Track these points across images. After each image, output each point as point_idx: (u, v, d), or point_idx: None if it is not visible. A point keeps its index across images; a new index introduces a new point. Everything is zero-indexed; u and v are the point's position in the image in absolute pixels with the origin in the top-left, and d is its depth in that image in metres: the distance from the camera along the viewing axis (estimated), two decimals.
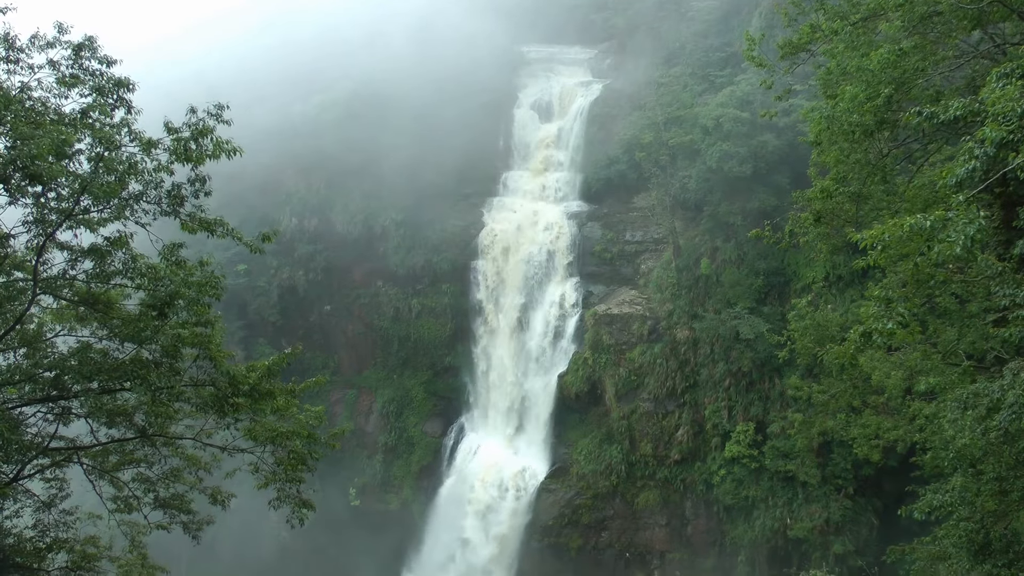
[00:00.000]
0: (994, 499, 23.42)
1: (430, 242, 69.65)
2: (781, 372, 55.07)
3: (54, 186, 20.32)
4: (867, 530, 53.61)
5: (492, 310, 67.46)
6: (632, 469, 60.18)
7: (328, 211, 72.85)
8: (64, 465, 26.13)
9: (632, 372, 59.68)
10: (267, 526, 72.17)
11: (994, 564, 23.87)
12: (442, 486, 66.57)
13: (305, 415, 25.63)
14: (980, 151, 16.35)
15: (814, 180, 28.46)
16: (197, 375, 23.79)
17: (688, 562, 59.68)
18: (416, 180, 70.52)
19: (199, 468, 27.41)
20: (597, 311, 61.35)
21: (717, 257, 58.98)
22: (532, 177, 69.96)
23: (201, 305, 23.05)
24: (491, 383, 67.37)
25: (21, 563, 23.96)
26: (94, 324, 23.44)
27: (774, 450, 54.78)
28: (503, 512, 62.70)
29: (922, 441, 32.85)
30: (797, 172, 52.26)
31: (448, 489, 65.97)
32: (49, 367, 22.99)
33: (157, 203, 21.27)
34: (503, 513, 62.69)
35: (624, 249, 63.76)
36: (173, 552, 46.62)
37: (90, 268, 21.74)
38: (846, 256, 44.90)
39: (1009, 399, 17.87)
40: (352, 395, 72.72)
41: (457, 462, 66.74)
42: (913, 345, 29.11)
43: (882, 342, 18.73)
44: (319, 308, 74.18)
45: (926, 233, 16.02)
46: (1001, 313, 22.33)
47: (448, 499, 65.73)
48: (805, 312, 42.95)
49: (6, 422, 21.01)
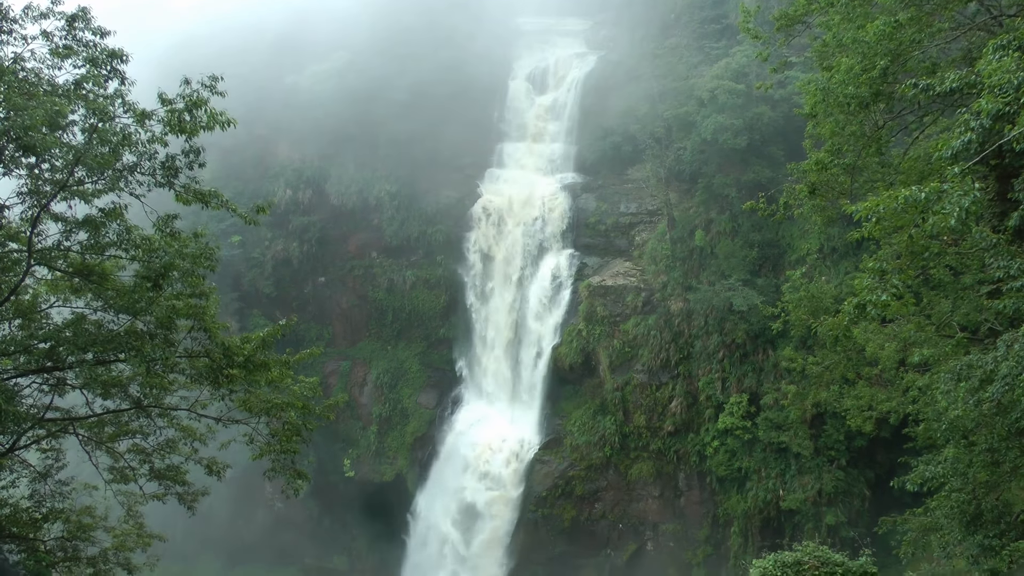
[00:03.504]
0: (986, 470, 23.59)
1: (424, 213, 69.55)
2: (775, 344, 55.24)
3: (48, 157, 20.28)
4: (859, 501, 53.97)
5: (486, 281, 67.47)
6: (625, 440, 60.44)
7: (322, 183, 72.61)
8: (60, 436, 26.19)
9: (626, 344, 59.79)
10: (262, 496, 72.58)
11: (985, 535, 24.08)
12: (436, 457, 66.82)
13: (299, 386, 25.70)
14: (976, 123, 16.35)
15: (809, 152, 28.42)
16: (192, 346, 23.82)
17: (681, 533, 60.09)
18: (410, 151, 70.31)
19: (194, 439, 27.48)
20: (591, 283, 61.38)
21: (711, 229, 58.97)
22: (527, 149, 69.77)
23: (195, 277, 23.08)
24: (485, 355, 67.48)
25: (17, 533, 24.05)
26: (89, 295, 23.40)
27: (767, 421, 55.01)
28: (496, 483, 62.97)
29: (915, 413, 33.04)
30: (792, 144, 52.21)
31: (442, 460, 66.23)
32: (44, 338, 22.97)
33: (151, 174, 21.22)
34: (496, 484, 62.96)
35: (619, 221, 63.67)
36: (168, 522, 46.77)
37: (84, 239, 21.72)
38: (840, 228, 44.95)
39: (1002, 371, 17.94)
40: (346, 366, 72.81)
41: (451, 433, 66.93)
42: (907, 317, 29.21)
43: (876, 314, 18.78)
44: (313, 280, 74.10)
45: (921, 205, 16.04)
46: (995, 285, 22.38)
47: (442, 470, 66.01)
48: (799, 284, 43.12)
49: (2, 393, 21.02)
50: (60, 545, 26.13)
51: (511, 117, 71.38)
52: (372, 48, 72.72)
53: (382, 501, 71.03)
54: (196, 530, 66.50)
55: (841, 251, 53.72)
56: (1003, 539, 23.65)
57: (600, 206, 64.20)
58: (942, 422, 25.10)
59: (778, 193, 32.62)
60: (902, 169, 26.00)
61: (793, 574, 21.37)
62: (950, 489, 25.56)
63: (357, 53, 73.39)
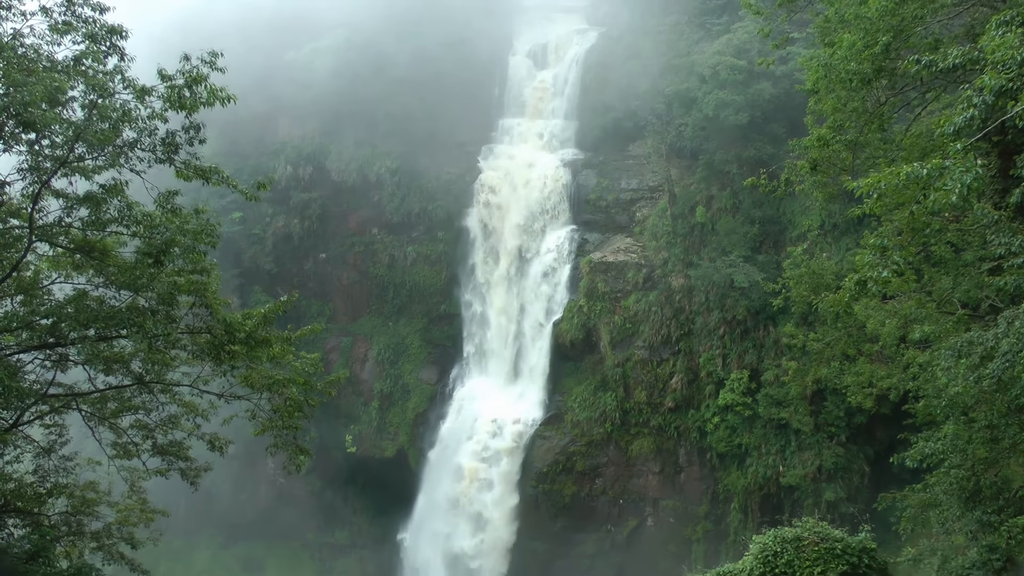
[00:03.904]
0: (985, 447, 23.67)
1: (425, 190, 69.45)
2: (776, 320, 55.29)
3: (48, 133, 20.25)
4: (859, 477, 54.18)
5: (487, 258, 67.45)
6: (626, 417, 60.61)
7: (322, 159, 72.47)
8: (63, 412, 26.31)
9: (627, 320, 59.86)
10: (264, 472, 72.92)
11: (984, 511, 24.19)
12: (438, 433, 67.01)
13: (301, 362, 25.78)
14: (979, 99, 16.29)
15: (811, 128, 28.32)
16: (193, 323, 23.89)
17: (681, 509, 60.35)
18: (410, 128, 70.11)
19: (196, 415, 27.59)
20: (592, 259, 61.37)
21: (712, 205, 58.91)
22: (527, 125, 69.57)
23: (197, 253, 23.10)
24: (486, 331, 67.55)
25: (22, 508, 24.20)
26: (90, 272, 23.44)
27: (768, 398, 55.14)
28: (498, 459, 63.20)
29: (915, 389, 33.07)
30: (794, 120, 52.02)
31: (443, 436, 66.41)
32: (46, 314, 23.02)
33: (151, 151, 21.22)
34: (498, 460, 63.19)
35: (619, 197, 63.57)
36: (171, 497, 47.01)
37: (86, 216, 21.72)
38: (842, 204, 44.85)
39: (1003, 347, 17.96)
40: (347, 343, 72.94)
41: (452, 409, 67.12)
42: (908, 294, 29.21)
43: (877, 290, 18.78)
44: (314, 256, 74.11)
45: (922, 181, 16.03)
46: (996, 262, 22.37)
47: (444, 446, 66.20)
48: (800, 260, 43.11)
49: (5, 369, 21.09)
50: (64, 520, 26.30)
51: (511, 93, 71.13)
52: (371, 25, 72.36)
53: (384, 477, 71.34)
54: (199, 505, 66.96)
55: (842, 227, 53.67)
56: (1002, 515, 23.75)
57: (601, 182, 64.08)
58: (942, 399, 25.17)
59: (779, 169, 32.60)
60: (904, 145, 25.93)
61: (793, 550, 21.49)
62: (949, 465, 25.64)
63: (356, 30, 73.05)
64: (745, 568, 21.91)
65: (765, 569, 21.45)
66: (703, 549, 58.87)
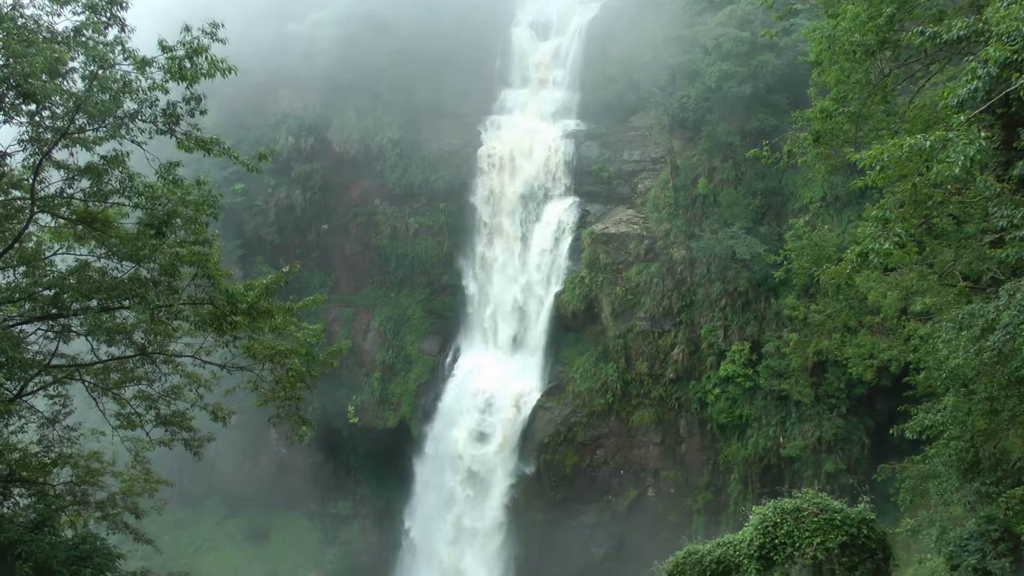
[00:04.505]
0: (985, 418, 23.73)
1: (427, 160, 69.34)
2: (777, 292, 55.33)
3: (48, 105, 20.23)
4: (858, 449, 54.39)
5: (489, 229, 67.43)
6: (627, 388, 60.80)
7: (324, 130, 72.29)
8: (66, 382, 26.36)
9: (629, 291, 59.90)
10: (267, 443, 73.27)
11: (982, 482, 24.30)
12: (440, 403, 67.26)
13: (303, 333, 25.83)
14: (983, 71, 16.23)
15: (814, 100, 28.22)
16: (195, 293, 23.92)
17: (682, 480, 60.66)
18: (412, 98, 69.92)
19: (199, 385, 27.65)
20: (594, 230, 61.31)
21: (715, 177, 58.77)
22: (529, 96, 69.30)
23: (199, 224, 23.12)
24: (488, 302, 67.65)
25: (27, 477, 24.35)
26: (92, 243, 23.47)
27: (768, 369, 55.26)
28: (499, 430, 63.45)
29: (916, 361, 33.10)
30: (797, 92, 51.78)
31: (446, 406, 66.66)
32: (48, 285, 23.07)
33: (152, 122, 21.17)
34: (500, 431, 63.44)
35: (621, 168, 63.44)
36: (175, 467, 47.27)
37: (87, 187, 21.72)
38: (844, 176, 44.74)
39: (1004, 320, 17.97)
40: (350, 313, 73.07)
41: (454, 380, 67.33)
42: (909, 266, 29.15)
43: (879, 262, 18.77)
44: (316, 227, 74.10)
45: (925, 153, 15.98)
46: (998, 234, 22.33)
47: (445, 416, 66.46)
48: (802, 232, 42.99)
49: (8, 340, 21.16)
50: (69, 489, 26.45)
51: (514, 64, 70.78)
52: None
53: (386, 447, 71.68)
54: (202, 476, 67.33)
55: (844, 199, 53.56)
56: (1000, 486, 23.86)
57: (603, 153, 63.92)
58: (942, 371, 25.18)
59: (782, 141, 32.52)
60: (907, 117, 25.83)
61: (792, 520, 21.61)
62: (949, 437, 25.70)
63: (356, 1, 72.65)
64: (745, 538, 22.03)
65: (765, 540, 21.58)
66: (703, 519, 59.24)
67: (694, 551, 23.07)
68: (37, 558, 19.36)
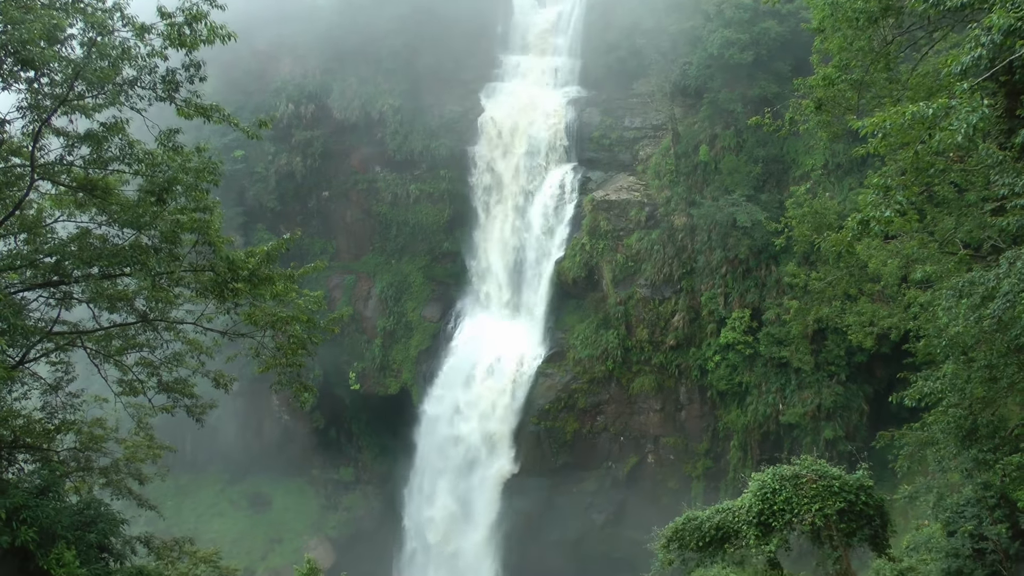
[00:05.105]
0: (983, 386, 23.80)
1: (428, 127, 69.09)
2: (778, 259, 55.37)
3: (47, 71, 20.10)
4: (857, 416, 54.66)
5: (490, 195, 67.33)
6: (628, 354, 60.97)
7: (324, 97, 72.01)
8: (68, 349, 26.41)
9: (629, 258, 59.94)
10: (269, 409, 73.59)
11: (980, 449, 24.41)
12: (440, 370, 67.47)
13: (304, 300, 25.82)
14: (986, 39, 16.13)
15: (816, 67, 28.06)
16: (196, 260, 23.88)
17: (681, 446, 60.99)
18: (413, 65, 69.60)
19: (201, 352, 27.68)
20: (595, 197, 61.25)
21: (716, 144, 58.63)
22: (531, 63, 68.93)
23: (199, 191, 23.06)
24: (489, 268, 67.70)
25: (31, 443, 24.43)
26: (93, 210, 23.39)
27: (769, 337, 55.42)
28: (500, 396, 63.68)
29: (916, 329, 33.17)
30: (799, 59, 51.59)
31: (446, 373, 66.87)
32: (49, 252, 23.04)
33: (152, 89, 21.06)
34: (500, 397, 63.68)
35: (623, 135, 63.27)
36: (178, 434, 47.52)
37: (87, 154, 21.66)
38: (846, 144, 44.71)
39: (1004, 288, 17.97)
40: (351, 280, 73.14)
41: (455, 346, 67.51)
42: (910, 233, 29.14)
43: (879, 230, 18.76)
44: (317, 194, 74.01)
45: (928, 121, 15.95)
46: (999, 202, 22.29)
47: (446, 383, 66.69)
48: (803, 199, 42.97)
49: (10, 307, 21.18)
50: (73, 456, 26.54)
51: (515, 31, 70.36)
52: None
53: (387, 414, 72.03)
54: (205, 442, 67.75)
55: (846, 167, 53.50)
56: (997, 453, 23.97)
57: (604, 120, 63.71)
58: (942, 338, 25.24)
59: (784, 108, 32.41)
60: (910, 85, 25.71)
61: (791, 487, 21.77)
62: (947, 404, 25.79)
63: None
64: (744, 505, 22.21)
65: (764, 506, 21.76)
66: (703, 486, 59.62)
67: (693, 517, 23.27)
68: (42, 523, 19.49)
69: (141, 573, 22.56)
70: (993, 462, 23.77)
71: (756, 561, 23.49)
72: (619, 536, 61.57)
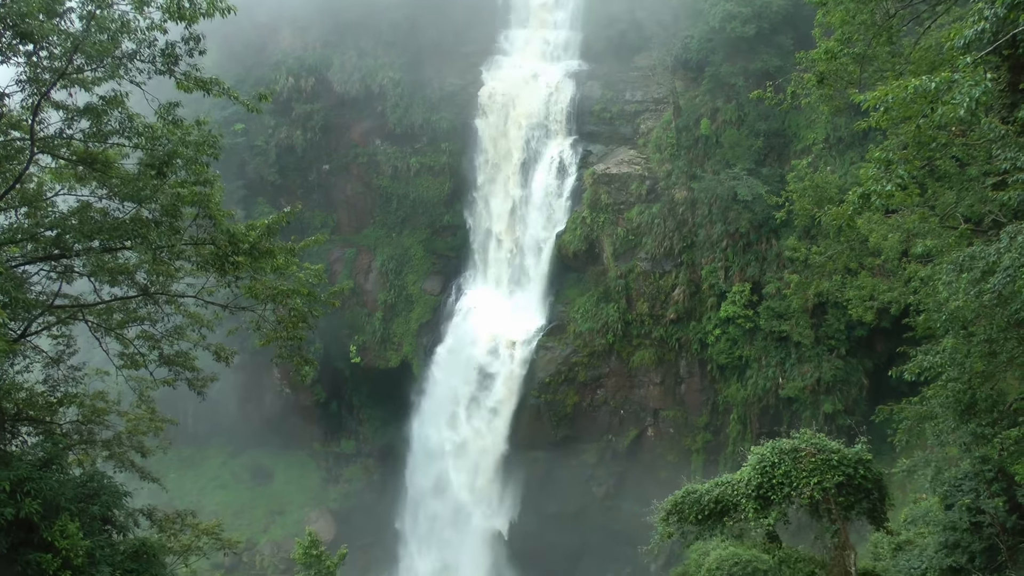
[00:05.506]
0: (983, 360, 23.83)
1: (428, 101, 68.89)
2: (778, 233, 55.33)
3: (46, 45, 20.01)
4: (857, 390, 54.80)
5: (491, 169, 67.19)
6: (628, 328, 61.05)
7: (324, 70, 71.72)
8: (69, 322, 26.45)
9: (630, 232, 59.89)
10: (270, 383, 73.77)
11: (978, 423, 24.48)
12: (441, 343, 67.60)
13: (305, 273, 25.82)
14: (990, 12, 16.06)
15: (818, 41, 27.92)
16: (197, 234, 23.86)
17: (681, 420, 61.18)
18: (414, 38, 69.28)
19: (202, 326, 27.71)
20: (596, 170, 61.13)
21: (717, 118, 58.44)
22: (531, 36, 68.57)
23: (199, 164, 22.99)
24: (489, 241, 67.68)
25: (34, 416, 24.52)
26: (93, 183, 23.36)
27: (769, 310, 55.47)
28: (501, 369, 63.85)
29: (916, 303, 33.16)
30: (801, 33, 51.31)
31: (447, 346, 67.01)
32: (50, 226, 23.02)
33: (151, 62, 20.94)
34: (501, 370, 63.84)
35: (624, 109, 63.04)
36: (179, 407, 47.70)
37: (87, 127, 21.59)
38: (848, 118, 44.50)
39: (1005, 262, 17.96)
40: (351, 254, 73.15)
41: (456, 320, 67.60)
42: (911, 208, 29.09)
43: (880, 204, 18.72)
44: (317, 167, 73.87)
45: (930, 95, 15.89)
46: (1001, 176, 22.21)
47: (447, 356, 66.85)
48: (804, 173, 42.79)
49: (11, 280, 21.21)
50: (75, 428, 26.61)
51: (516, 3, 69.89)
52: None
53: (388, 387, 72.19)
54: (206, 415, 67.94)
55: (847, 141, 53.36)
56: (995, 427, 24.03)
57: (605, 94, 63.46)
58: (942, 313, 25.24)
59: (786, 82, 32.25)
60: (913, 59, 25.57)
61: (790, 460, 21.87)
62: (947, 379, 25.84)
63: None
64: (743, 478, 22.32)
65: (763, 479, 21.87)
66: (702, 459, 59.86)
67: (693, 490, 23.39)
68: (45, 495, 19.59)
69: (144, 545, 22.68)
70: (991, 436, 23.84)
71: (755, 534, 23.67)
72: (619, 509, 61.93)
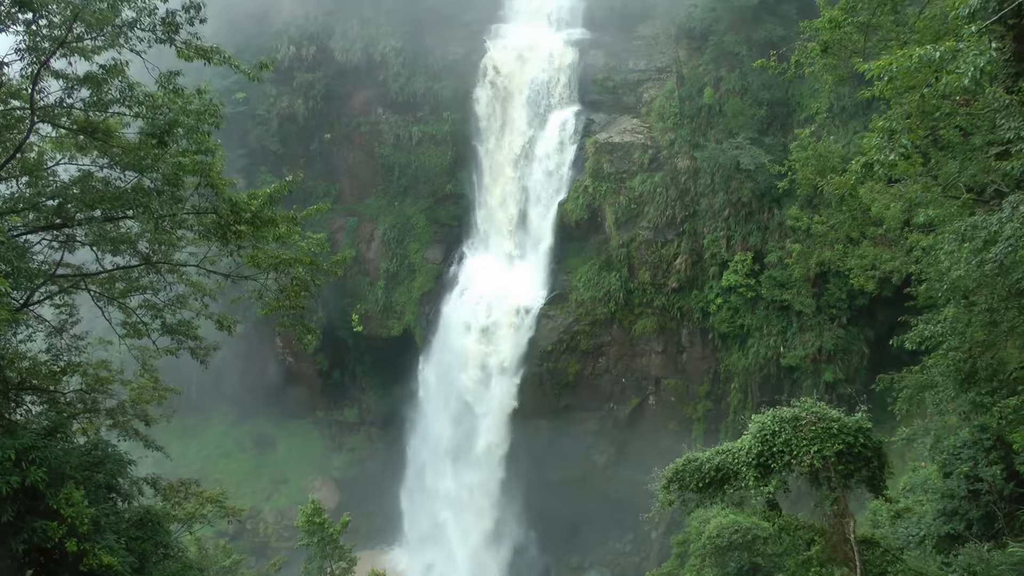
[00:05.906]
0: (984, 330, 23.90)
1: (431, 69, 68.61)
2: (781, 203, 55.19)
3: (45, 13, 19.91)
4: (858, 359, 54.86)
5: (493, 137, 66.99)
6: (630, 296, 61.10)
7: (326, 39, 71.42)
8: (72, 292, 26.46)
9: (632, 200, 59.79)
10: (273, 351, 73.99)
11: (978, 392, 24.59)
12: (443, 312, 67.70)
13: (307, 242, 25.84)
14: None
15: (823, 10, 27.73)
16: (199, 203, 23.83)
17: (682, 388, 61.34)
18: (415, 6, 68.91)
19: (204, 295, 27.72)
20: (598, 139, 60.95)
21: (721, 87, 58.16)
22: (534, 4, 68.11)
23: (200, 133, 22.92)
24: (492, 210, 67.59)
25: (38, 385, 24.59)
26: (94, 153, 23.33)
27: (771, 280, 55.47)
28: (503, 338, 63.96)
29: (918, 272, 33.21)
30: (806, 2, 51.00)
31: (449, 315, 67.11)
32: (52, 195, 22.99)
33: (151, 30, 20.84)
34: (503, 338, 63.95)
35: (627, 78, 62.75)
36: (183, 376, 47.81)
37: (87, 96, 21.52)
38: (851, 87, 44.28)
39: (1006, 232, 18.00)
40: (354, 222, 73.11)
41: (458, 288, 67.66)
42: (914, 177, 29.09)
43: (883, 173, 18.70)
44: (319, 136, 73.70)
45: (935, 64, 15.81)
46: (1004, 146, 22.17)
47: (449, 325, 66.96)
48: (807, 143, 42.66)
49: (13, 250, 21.18)
50: (79, 397, 26.66)
51: None
52: None
53: (390, 355, 72.41)
54: (210, 384, 68.14)
55: (851, 110, 53.12)
56: (995, 396, 24.15)
57: (608, 62, 63.14)
58: (944, 282, 25.28)
59: (790, 51, 32.04)
60: (917, 28, 25.41)
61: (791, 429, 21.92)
62: (947, 348, 25.92)
63: None
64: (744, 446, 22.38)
65: (763, 448, 21.92)
66: (703, 428, 60.10)
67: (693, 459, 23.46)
68: (50, 463, 19.69)
69: (148, 513, 22.88)
70: (991, 405, 23.97)
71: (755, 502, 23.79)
72: (620, 476, 62.29)
